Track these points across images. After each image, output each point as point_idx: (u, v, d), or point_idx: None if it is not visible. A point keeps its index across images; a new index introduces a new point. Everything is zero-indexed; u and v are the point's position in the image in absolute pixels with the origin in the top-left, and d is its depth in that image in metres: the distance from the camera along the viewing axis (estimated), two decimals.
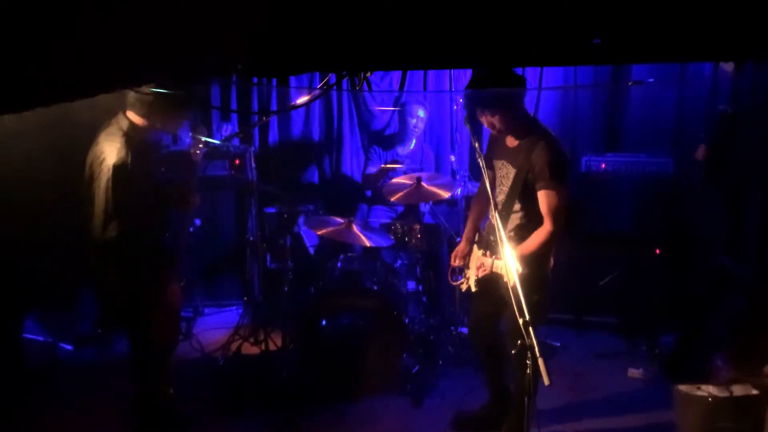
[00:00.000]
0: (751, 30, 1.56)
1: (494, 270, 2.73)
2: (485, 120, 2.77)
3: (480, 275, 2.78)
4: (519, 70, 3.78)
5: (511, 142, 2.81)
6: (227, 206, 4.92)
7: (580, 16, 1.55)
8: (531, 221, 2.74)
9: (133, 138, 2.65)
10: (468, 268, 2.99)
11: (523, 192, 2.73)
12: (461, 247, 3.05)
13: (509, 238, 2.75)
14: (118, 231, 2.58)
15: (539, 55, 1.97)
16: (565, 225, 2.68)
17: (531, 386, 2.08)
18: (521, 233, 2.75)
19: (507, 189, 2.79)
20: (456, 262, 3.04)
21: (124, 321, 2.93)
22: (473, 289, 2.86)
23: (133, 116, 2.68)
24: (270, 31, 1.57)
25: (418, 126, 4.56)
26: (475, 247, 2.98)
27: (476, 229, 3.07)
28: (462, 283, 3.04)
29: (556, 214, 2.64)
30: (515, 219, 2.80)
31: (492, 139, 2.99)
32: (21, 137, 2.93)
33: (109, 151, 2.58)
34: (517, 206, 2.78)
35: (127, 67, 1.48)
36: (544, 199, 2.65)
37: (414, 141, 4.65)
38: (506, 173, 2.81)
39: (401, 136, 4.64)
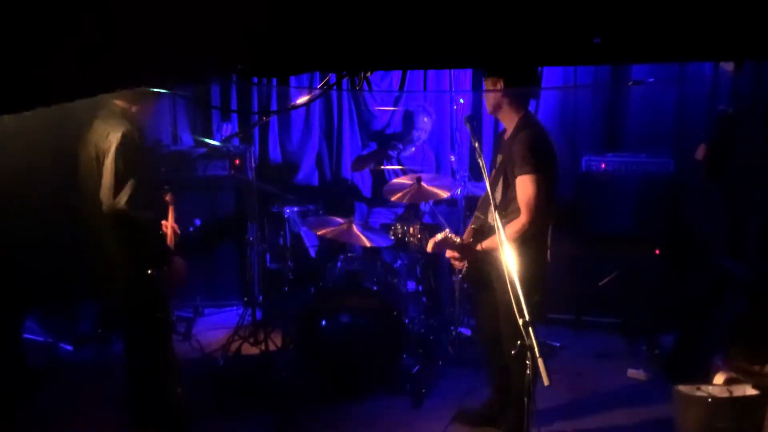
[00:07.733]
0: (751, 30, 1.56)
1: (449, 238, 2.79)
2: (489, 83, 2.77)
3: (432, 250, 2.88)
4: None
5: (507, 135, 2.83)
6: (227, 206, 4.92)
7: (580, 16, 1.55)
8: (509, 212, 2.71)
9: (128, 118, 2.72)
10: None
11: (504, 182, 2.73)
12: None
13: (490, 228, 2.77)
14: (129, 198, 2.56)
15: (539, 55, 1.97)
16: (542, 216, 2.63)
17: (530, 386, 2.08)
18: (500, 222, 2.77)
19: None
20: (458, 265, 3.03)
21: (131, 308, 2.85)
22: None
23: (121, 103, 2.76)
24: (270, 31, 1.57)
25: (423, 134, 4.57)
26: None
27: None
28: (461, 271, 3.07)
29: (530, 204, 2.59)
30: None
31: (498, 137, 3.01)
32: (21, 137, 2.93)
33: (112, 126, 2.64)
34: (497, 195, 2.77)
35: (127, 67, 1.48)
36: (519, 187, 2.62)
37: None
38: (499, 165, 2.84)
39: (404, 140, 4.64)
